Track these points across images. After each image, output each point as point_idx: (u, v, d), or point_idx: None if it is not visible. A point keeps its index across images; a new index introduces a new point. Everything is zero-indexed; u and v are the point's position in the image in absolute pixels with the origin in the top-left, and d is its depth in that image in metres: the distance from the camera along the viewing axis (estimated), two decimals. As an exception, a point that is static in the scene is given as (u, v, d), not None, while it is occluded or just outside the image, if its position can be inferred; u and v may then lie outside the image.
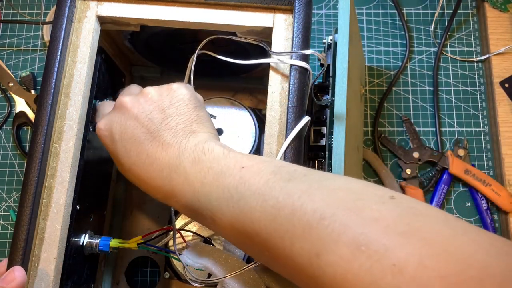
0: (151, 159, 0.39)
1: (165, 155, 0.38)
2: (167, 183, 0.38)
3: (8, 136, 0.69)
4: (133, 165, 0.40)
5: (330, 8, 0.75)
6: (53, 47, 0.46)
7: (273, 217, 0.32)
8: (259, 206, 0.33)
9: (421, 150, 0.67)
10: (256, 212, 0.33)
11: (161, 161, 0.38)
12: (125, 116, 0.41)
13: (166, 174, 0.38)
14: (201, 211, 0.37)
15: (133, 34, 0.55)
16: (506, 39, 0.71)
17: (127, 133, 0.40)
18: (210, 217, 0.36)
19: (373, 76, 0.72)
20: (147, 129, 0.40)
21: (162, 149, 0.39)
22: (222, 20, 0.48)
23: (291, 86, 0.45)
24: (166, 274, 0.57)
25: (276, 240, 0.31)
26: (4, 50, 0.72)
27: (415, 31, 0.73)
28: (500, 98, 0.68)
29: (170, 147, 0.39)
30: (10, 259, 0.42)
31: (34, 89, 0.70)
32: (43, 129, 0.44)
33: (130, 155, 0.40)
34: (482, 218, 0.65)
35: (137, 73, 0.66)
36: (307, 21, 0.47)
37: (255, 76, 0.65)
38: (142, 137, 0.40)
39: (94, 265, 0.55)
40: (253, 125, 0.59)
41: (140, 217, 0.63)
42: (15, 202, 0.67)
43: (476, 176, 0.65)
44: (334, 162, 0.43)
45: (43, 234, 0.43)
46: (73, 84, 0.47)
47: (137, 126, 0.40)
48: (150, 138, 0.39)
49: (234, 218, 0.34)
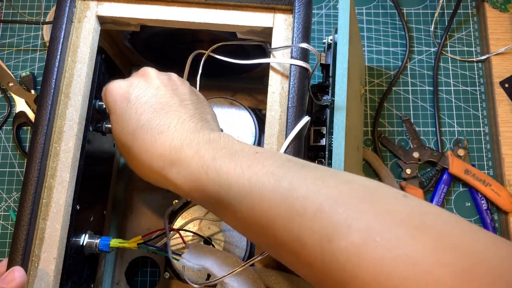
0: (162, 128, 0.38)
1: (179, 127, 0.38)
2: (174, 153, 0.37)
3: (8, 136, 0.69)
4: (140, 128, 0.39)
5: (330, 8, 0.75)
6: (53, 47, 0.46)
7: (285, 197, 0.31)
8: (271, 186, 0.32)
9: (421, 150, 0.67)
10: (267, 192, 0.32)
11: (174, 132, 0.38)
12: (147, 83, 0.41)
13: (177, 144, 0.37)
14: (205, 184, 0.35)
15: (133, 34, 0.55)
16: (506, 39, 0.71)
17: (144, 98, 0.40)
18: (215, 192, 0.35)
19: (373, 76, 0.72)
20: (165, 101, 0.40)
21: (177, 122, 0.38)
22: (222, 20, 0.48)
23: (291, 86, 0.45)
24: (166, 274, 0.57)
25: (284, 222, 0.31)
26: (4, 50, 0.73)
27: (415, 31, 0.73)
28: (500, 98, 0.68)
29: (186, 123, 0.39)
30: (10, 259, 0.42)
31: (34, 89, 0.70)
32: (43, 129, 0.44)
33: (140, 118, 0.39)
34: (482, 218, 0.65)
35: (137, 73, 0.66)
36: (307, 21, 0.47)
37: (255, 76, 0.65)
38: (158, 106, 0.39)
39: (94, 265, 0.55)
40: (253, 125, 0.59)
41: (140, 217, 0.63)
42: (15, 202, 0.67)
43: (476, 176, 0.65)
44: (334, 162, 0.43)
45: (43, 234, 0.43)
46: (73, 84, 0.47)
47: (156, 95, 0.40)
48: (166, 110, 0.39)
49: (242, 195, 0.33)
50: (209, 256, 0.43)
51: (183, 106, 0.40)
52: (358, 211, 0.28)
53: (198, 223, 0.56)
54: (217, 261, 0.43)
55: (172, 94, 0.41)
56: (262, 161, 0.34)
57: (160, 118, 0.39)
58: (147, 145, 0.38)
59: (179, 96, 0.41)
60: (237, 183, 0.33)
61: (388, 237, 0.27)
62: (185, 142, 0.37)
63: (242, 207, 0.33)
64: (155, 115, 0.39)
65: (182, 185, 0.37)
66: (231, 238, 0.54)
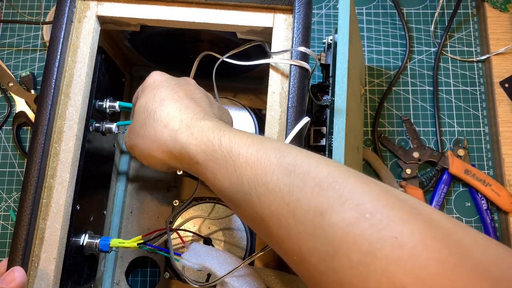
0: (192, 105, 0.42)
1: (195, 106, 0.42)
2: (194, 120, 0.40)
3: (8, 136, 0.69)
4: (169, 98, 0.42)
5: (330, 8, 0.75)
6: (53, 47, 0.46)
7: (287, 172, 0.32)
8: (276, 160, 0.33)
9: (421, 150, 0.67)
10: (272, 165, 0.33)
11: (199, 111, 0.41)
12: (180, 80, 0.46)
13: (199, 116, 0.40)
14: (216, 149, 0.37)
15: (133, 34, 0.55)
16: (506, 39, 0.71)
17: (180, 86, 0.44)
18: (223, 158, 0.36)
19: (373, 76, 0.72)
20: (194, 95, 0.44)
21: (195, 105, 0.42)
22: (222, 20, 0.48)
23: (291, 86, 0.45)
24: (166, 274, 0.57)
25: (282, 194, 0.32)
26: (4, 50, 0.73)
27: (415, 31, 0.73)
28: (500, 98, 0.68)
29: (200, 107, 0.42)
30: (10, 259, 0.42)
31: (34, 89, 0.70)
32: (43, 129, 0.44)
33: (174, 95, 0.43)
34: (482, 218, 0.65)
35: (137, 73, 0.66)
36: (307, 21, 0.47)
37: (255, 76, 0.65)
38: (189, 94, 0.44)
39: (94, 265, 0.55)
40: (253, 125, 0.59)
41: (140, 217, 0.63)
42: (15, 202, 0.67)
43: (476, 176, 0.65)
44: (334, 162, 0.43)
45: (43, 234, 0.43)
46: (73, 84, 0.47)
47: (189, 89, 0.44)
48: (195, 98, 0.43)
49: (248, 164, 0.34)
50: (209, 256, 0.43)
51: (211, 105, 0.44)
52: (353, 191, 0.29)
53: (198, 223, 0.56)
54: (217, 260, 0.43)
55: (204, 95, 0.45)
56: (270, 140, 0.37)
57: (191, 100, 0.43)
58: (172, 110, 0.41)
59: (209, 98, 0.46)
60: (247, 153, 0.35)
61: (379, 217, 0.27)
62: (206, 116, 0.41)
63: (245, 174, 0.34)
64: (186, 94, 0.43)
65: (192, 148, 0.38)
66: (231, 238, 0.54)
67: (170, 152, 0.40)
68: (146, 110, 0.43)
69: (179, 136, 0.39)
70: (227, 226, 0.56)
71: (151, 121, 0.42)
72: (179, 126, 0.40)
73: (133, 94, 0.49)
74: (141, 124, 0.43)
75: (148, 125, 0.42)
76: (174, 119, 0.40)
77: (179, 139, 0.39)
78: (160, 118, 0.41)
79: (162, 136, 0.40)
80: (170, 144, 0.40)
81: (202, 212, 0.56)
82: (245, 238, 0.54)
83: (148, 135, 0.41)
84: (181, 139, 0.39)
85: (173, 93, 0.43)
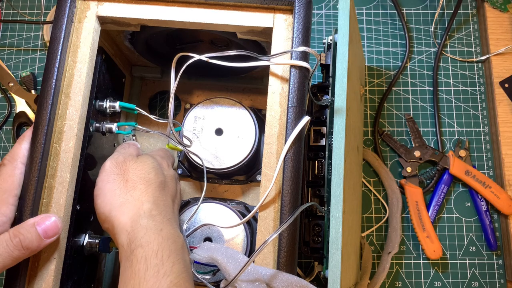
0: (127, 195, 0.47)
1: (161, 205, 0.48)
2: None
3: (8, 136, 0.69)
4: (130, 188, 0.47)
5: (330, 8, 0.75)
6: (53, 47, 0.46)
7: None
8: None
9: (422, 149, 0.67)
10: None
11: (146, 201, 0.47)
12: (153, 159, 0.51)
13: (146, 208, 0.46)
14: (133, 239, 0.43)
15: (133, 34, 0.55)
16: (506, 39, 0.71)
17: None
18: None
19: (373, 76, 0.72)
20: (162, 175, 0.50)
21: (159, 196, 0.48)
22: (222, 20, 0.48)
23: (291, 86, 0.45)
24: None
25: None
26: (4, 50, 0.73)
27: (415, 31, 0.73)
28: (500, 98, 0.68)
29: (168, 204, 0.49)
30: (10, 259, 0.42)
31: (34, 89, 0.70)
32: (43, 129, 0.44)
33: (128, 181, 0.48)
34: (481, 220, 0.65)
35: (137, 73, 0.66)
36: (307, 21, 0.47)
37: (255, 76, 0.65)
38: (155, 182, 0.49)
39: (94, 265, 0.55)
40: (253, 125, 0.59)
41: (140, 217, 0.63)
42: (15, 202, 0.67)
43: (477, 178, 0.65)
44: (334, 162, 0.44)
45: (43, 234, 0.43)
46: (73, 84, 0.47)
47: (157, 170, 0.50)
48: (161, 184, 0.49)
49: None
50: (218, 251, 0.44)
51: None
52: None
53: (198, 223, 0.56)
54: (225, 255, 0.43)
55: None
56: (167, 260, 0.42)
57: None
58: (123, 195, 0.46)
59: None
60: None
61: None
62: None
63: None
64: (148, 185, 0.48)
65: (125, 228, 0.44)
66: (231, 237, 0.54)
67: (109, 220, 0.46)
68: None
69: (117, 217, 0.45)
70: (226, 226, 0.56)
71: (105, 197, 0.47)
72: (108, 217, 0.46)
73: (133, 94, 0.49)
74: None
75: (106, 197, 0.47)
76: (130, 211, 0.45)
77: (116, 219, 0.45)
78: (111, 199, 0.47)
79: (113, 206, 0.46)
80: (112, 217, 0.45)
81: (202, 212, 0.56)
82: (245, 238, 0.54)
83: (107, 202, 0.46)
84: (117, 219, 0.45)
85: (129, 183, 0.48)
